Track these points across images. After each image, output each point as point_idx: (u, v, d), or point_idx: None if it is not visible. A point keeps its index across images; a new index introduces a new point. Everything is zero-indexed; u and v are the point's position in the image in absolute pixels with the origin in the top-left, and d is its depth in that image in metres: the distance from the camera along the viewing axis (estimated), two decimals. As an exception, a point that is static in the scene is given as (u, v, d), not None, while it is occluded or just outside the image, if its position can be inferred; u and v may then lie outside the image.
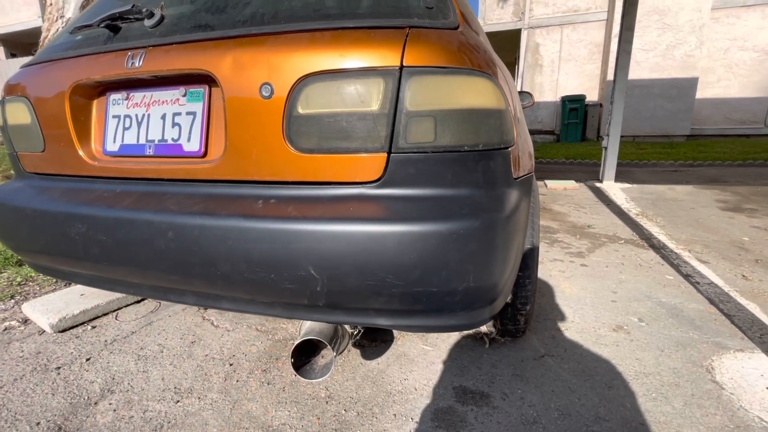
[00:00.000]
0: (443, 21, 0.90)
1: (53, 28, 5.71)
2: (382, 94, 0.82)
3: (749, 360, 1.33)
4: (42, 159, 1.20)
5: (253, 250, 0.85)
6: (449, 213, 0.82)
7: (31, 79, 1.18)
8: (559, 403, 1.14)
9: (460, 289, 0.84)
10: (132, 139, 1.06)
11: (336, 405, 1.15)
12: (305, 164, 0.88)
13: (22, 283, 1.98)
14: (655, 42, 8.76)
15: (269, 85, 0.86)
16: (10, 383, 1.24)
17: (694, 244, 2.53)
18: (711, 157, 6.49)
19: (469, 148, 0.85)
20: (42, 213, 1.09)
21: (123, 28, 1.07)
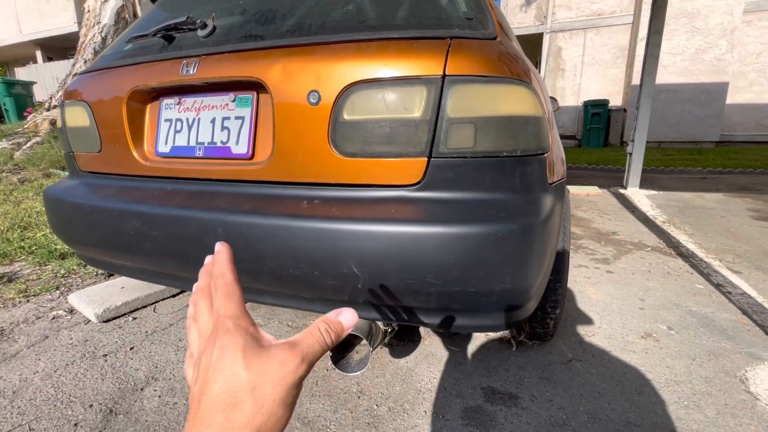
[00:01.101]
0: (483, 31, 0.93)
1: (90, 33, 5.99)
2: (424, 101, 0.86)
3: (785, 372, 1.30)
4: (97, 159, 1.29)
5: (298, 247, 0.90)
6: (487, 216, 0.85)
7: (90, 85, 1.27)
8: (588, 406, 1.15)
9: (496, 290, 0.86)
10: (183, 142, 1.13)
11: (368, 400, 1.18)
12: (348, 167, 0.93)
13: (65, 276, 2.10)
14: (683, 46, 8.54)
15: (317, 93, 0.91)
16: (62, 367, 1.33)
17: (725, 254, 2.47)
18: (742, 164, 6.29)
19: (507, 153, 0.88)
20: (98, 209, 1.17)
21: (177, 38, 1.15)
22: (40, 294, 1.88)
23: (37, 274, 2.09)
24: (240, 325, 0.28)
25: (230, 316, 0.28)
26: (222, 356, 0.26)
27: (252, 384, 0.25)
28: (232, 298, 0.29)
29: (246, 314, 0.29)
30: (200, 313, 0.31)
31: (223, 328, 0.27)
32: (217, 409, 0.25)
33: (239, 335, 0.27)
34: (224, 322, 0.28)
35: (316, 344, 0.29)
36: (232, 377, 0.25)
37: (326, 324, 0.31)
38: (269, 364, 0.26)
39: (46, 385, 1.24)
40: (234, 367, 0.26)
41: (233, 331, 0.27)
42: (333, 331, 0.31)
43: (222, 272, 0.30)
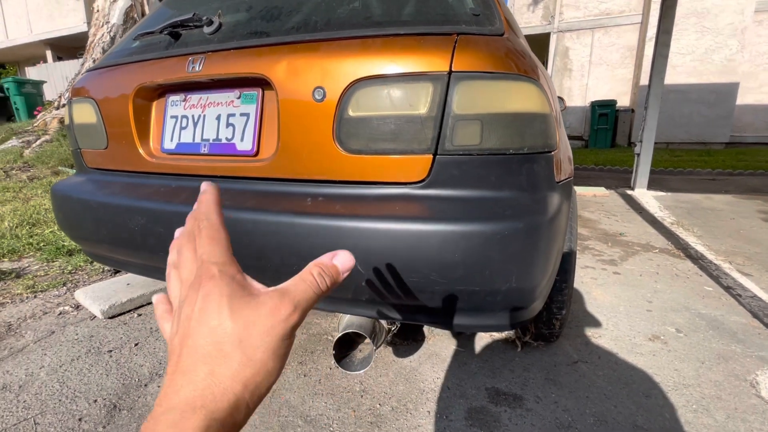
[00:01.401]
0: (490, 28, 0.92)
1: (99, 33, 6.05)
2: (430, 97, 0.85)
3: (797, 376, 1.28)
4: (104, 155, 1.30)
5: (302, 244, 0.89)
6: (493, 214, 0.84)
7: (97, 82, 1.27)
8: (594, 409, 1.14)
9: (501, 290, 0.85)
10: (188, 138, 1.13)
11: (371, 399, 1.18)
12: (353, 164, 0.92)
13: (72, 272, 2.11)
14: (692, 46, 8.44)
15: (322, 89, 0.91)
16: (68, 363, 1.34)
17: (735, 256, 2.43)
18: (752, 165, 6.20)
19: (514, 151, 0.87)
20: (104, 205, 1.17)
21: (183, 35, 1.15)
22: (47, 290, 1.89)
23: (45, 271, 2.11)
24: (226, 271, 0.25)
25: (215, 262, 0.25)
26: (206, 305, 0.24)
27: (239, 335, 0.23)
28: (218, 242, 0.27)
29: (233, 260, 0.26)
30: (184, 259, 0.28)
31: (207, 275, 0.25)
32: (200, 361, 0.23)
33: (225, 282, 0.24)
34: (209, 268, 0.25)
35: (309, 290, 0.26)
36: (217, 327, 0.23)
37: (320, 268, 0.28)
38: (258, 313, 0.24)
39: (51, 379, 1.25)
40: (219, 317, 0.23)
41: (218, 277, 0.25)
42: (327, 275, 0.28)
43: (207, 214, 0.28)
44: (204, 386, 0.22)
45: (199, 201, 0.29)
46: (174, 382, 0.23)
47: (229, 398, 0.22)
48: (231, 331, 0.23)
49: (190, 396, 0.22)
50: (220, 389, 0.22)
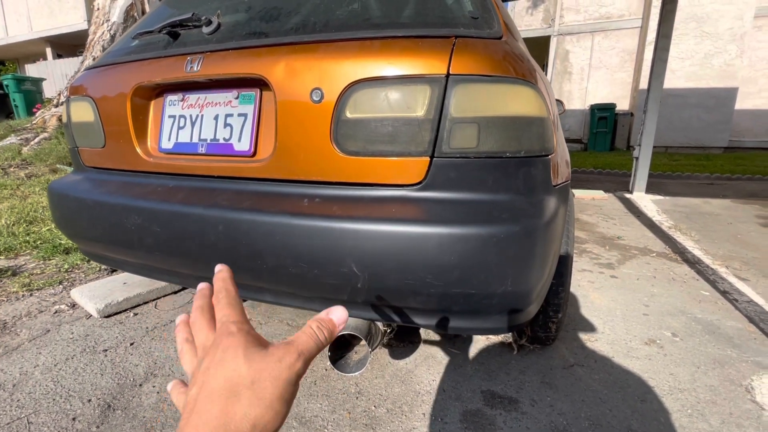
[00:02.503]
0: (488, 31, 0.92)
1: (99, 31, 6.04)
2: (428, 100, 0.85)
3: (792, 382, 1.28)
4: (101, 154, 1.29)
5: (298, 245, 0.89)
6: (490, 217, 0.84)
7: (95, 81, 1.27)
8: (589, 412, 1.13)
9: (497, 293, 0.85)
10: (186, 138, 1.13)
11: (366, 401, 1.18)
12: (350, 166, 0.92)
13: (69, 270, 2.11)
14: (692, 50, 8.47)
15: (320, 90, 0.91)
16: (62, 362, 1.33)
17: (732, 261, 2.44)
18: (750, 170, 6.21)
19: (510, 154, 0.87)
20: (101, 204, 1.17)
21: (182, 35, 1.15)
22: (43, 288, 1.89)
23: (41, 269, 2.10)
24: (242, 328, 0.30)
25: (234, 321, 0.30)
26: (224, 356, 0.27)
27: (251, 378, 0.26)
28: (236, 308, 0.32)
29: (248, 320, 0.31)
30: (199, 329, 0.33)
31: (226, 333, 0.29)
32: (214, 401, 0.25)
33: (242, 336, 0.29)
34: (228, 327, 0.30)
35: (311, 341, 0.30)
36: (233, 371, 0.26)
37: (318, 323, 0.32)
38: (268, 360, 0.27)
39: (45, 378, 1.25)
40: (235, 363, 0.27)
41: (236, 333, 0.29)
42: (325, 328, 0.32)
43: (225, 287, 0.33)
44: (217, 424, 0.25)
45: (216, 279, 0.35)
46: (190, 422, 0.25)
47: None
48: (245, 374, 0.26)
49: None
50: (232, 428, 0.25)
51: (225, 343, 0.28)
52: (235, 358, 0.27)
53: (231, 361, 0.27)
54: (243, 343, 0.28)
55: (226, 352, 0.27)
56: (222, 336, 0.29)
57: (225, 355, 0.27)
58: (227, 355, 0.27)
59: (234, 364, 0.27)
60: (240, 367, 0.26)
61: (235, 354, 0.27)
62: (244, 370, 0.26)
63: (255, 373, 0.26)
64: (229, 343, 0.28)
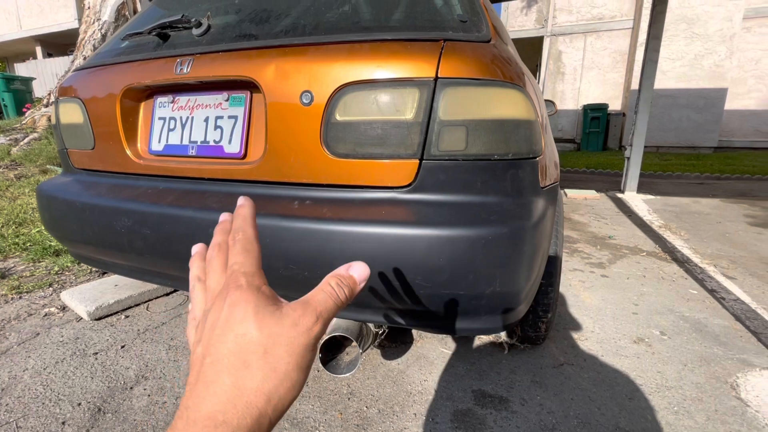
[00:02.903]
0: (477, 34, 0.93)
1: (90, 30, 5.98)
2: (416, 103, 0.86)
3: (776, 379, 1.30)
4: (91, 156, 1.29)
5: (288, 248, 0.89)
6: (478, 219, 0.85)
7: (84, 82, 1.26)
8: (578, 411, 1.15)
9: (486, 293, 0.86)
10: (176, 140, 1.13)
11: (358, 401, 1.18)
12: (340, 168, 0.93)
13: (59, 273, 2.09)
14: (682, 51, 8.57)
15: (309, 93, 0.91)
16: (52, 365, 1.32)
17: (720, 259, 2.47)
18: (739, 170, 6.30)
19: (499, 157, 0.88)
20: (90, 206, 1.16)
21: (172, 36, 1.14)
22: (33, 291, 1.87)
23: (31, 271, 2.08)
24: (253, 282, 0.26)
25: (245, 272, 0.26)
26: (232, 313, 0.24)
27: (264, 345, 0.23)
28: (251, 254, 0.27)
29: (261, 273, 0.27)
30: (212, 269, 0.29)
31: (234, 284, 0.25)
32: (223, 371, 0.22)
33: (251, 293, 0.25)
34: (237, 278, 0.26)
35: (329, 300, 0.27)
36: (242, 337, 0.23)
37: (337, 279, 0.28)
38: (282, 323, 0.24)
39: (35, 382, 1.24)
40: (244, 326, 0.23)
41: (246, 287, 0.25)
42: (345, 285, 0.28)
43: (243, 227, 0.29)
44: (227, 399, 0.22)
45: (236, 215, 0.30)
46: (195, 393, 0.22)
47: (252, 413, 0.22)
48: (256, 341, 0.23)
49: (212, 410, 0.21)
50: (243, 403, 0.22)
51: (233, 297, 0.25)
52: (245, 319, 0.24)
53: (240, 323, 0.23)
54: (253, 302, 0.24)
55: (234, 308, 0.24)
56: (230, 288, 0.25)
57: (232, 314, 0.24)
58: (235, 314, 0.24)
59: (243, 326, 0.23)
60: (250, 332, 0.23)
61: (244, 314, 0.24)
62: (255, 335, 0.23)
63: (267, 339, 0.23)
64: (238, 298, 0.24)
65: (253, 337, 0.23)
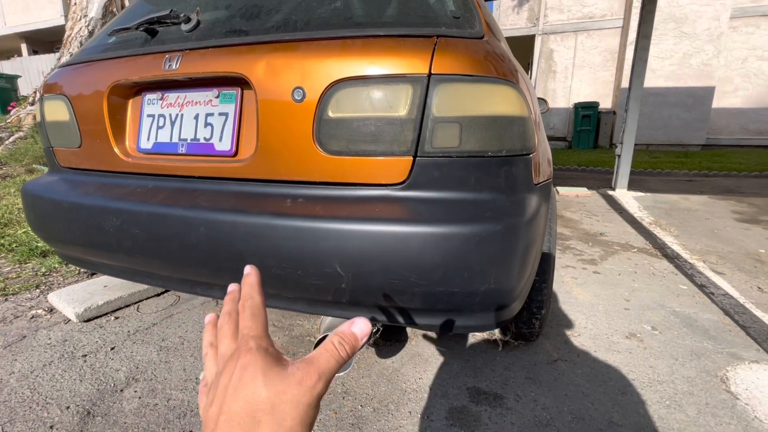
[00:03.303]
0: (470, 30, 0.93)
1: (77, 27, 5.87)
2: (410, 99, 0.85)
3: (764, 372, 1.33)
4: (77, 155, 1.26)
5: (281, 246, 0.88)
6: (472, 216, 0.85)
7: (70, 79, 1.23)
8: (572, 406, 1.16)
9: (480, 291, 0.86)
10: (165, 138, 1.11)
11: (352, 400, 1.17)
12: (333, 166, 0.92)
13: (46, 274, 2.05)
14: (671, 50, 8.68)
15: (301, 89, 0.90)
16: (39, 368, 1.29)
17: (709, 255, 2.51)
18: (727, 167, 6.41)
19: (492, 153, 0.88)
20: (78, 206, 1.14)
21: (160, 32, 1.12)
22: (19, 293, 1.83)
23: (17, 273, 2.04)
24: (261, 345, 0.28)
25: (254, 336, 0.29)
26: (243, 375, 0.27)
27: (271, 403, 0.25)
28: (259, 319, 0.30)
29: (268, 336, 0.30)
30: (223, 336, 0.32)
31: (245, 347, 0.28)
32: (236, 427, 0.25)
33: (260, 355, 0.27)
34: (247, 341, 0.28)
35: (332, 359, 0.29)
36: (252, 395, 0.26)
37: (339, 337, 0.31)
38: (287, 382, 0.26)
39: (21, 386, 1.21)
40: (254, 386, 0.26)
41: (255, 350, 0.28)
42: (347, 343, 0.31)
43: (251, 294, 0.32)
44: None
45: (244, 283, 0.33)
46: None
47: None
48: (264, 399, 0.25)
49: None
50: None
51: (243, 360, 0.27)
52: (254, 380, 0.26)
53: (250, 383, 0.26)
54: (262, 363, 0.27)
55: (245, 371, 0.27)
56: (241, 351, 0.28)
57: (244, 375, 0.27)
58: (246, 375, 0.26)
59: (253, 386, 0.26)
60: (259, 390, 0.26)
61: (254, 375, 0.26)
62: (264, 393, 0.26)
63: (275, 396, 0.26)
64: (248, 360, 0.27)
65: (262, 396, 0.26)
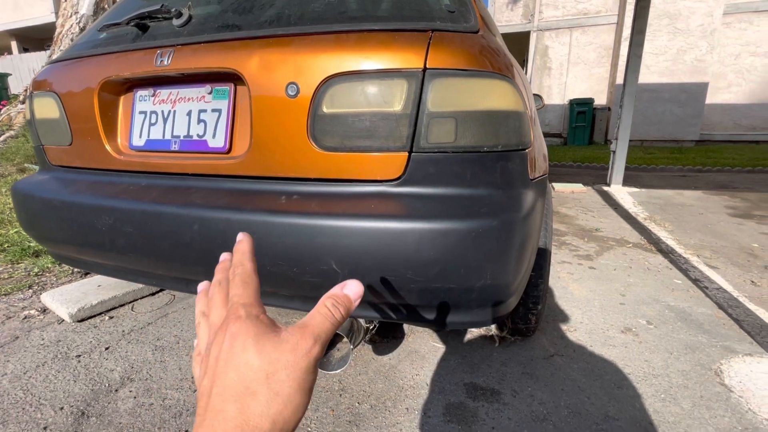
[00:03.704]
0: (465, 25, 0.92)
1: (67, 23, 5.79)
2: (405, 95, 0.85)
3: (758, 364, 1.34)
4: (68, 152, 1.24)
5: (276, 244, 0.87)
6: (468, 212, 0.84)
7: (60, 75, 1.21)
8: (568, 401, 1.16)
9: (476, 287, 0.86)
10: (158, 135, 1.09)
11: (349, 398, 1.17)
12: (328, 162, 0.91)
13: (39, 274, 2.02)
14: (665, 46, 8.72)
15: (295, 85, 0.89)
16: (32, 369, 1.28)
17: (703, 250, 2.53)
18: (720, 162, 6.46)
19: (488, 149, 0.88)
20: (69, 205, 1.12)
21: (151, 27, 1.10)
22: (11, 293, 1.81)
23: (9, 273, 2.01)
24: (251, 312, 0.27)
25: (244, 303, 0.28)
26: (233, 344, 0.25)
27: (265, 371, 0.24)
28: (250, 286, 0.29)
29: (260, 303, 0.29)
30: (214, 305, 0.31)
31: (234, 315, 0.27)
32: (229, 399, 0.24)
33: (250, 322, 0.26)
34: (236, 309, 0.27)
35: (326, 322, 0.28)
36: (244, 365, 0.24)
37: (333, 299, 0.29)
38: (281, 349, 0.25)
39: (14, 387, 1.19)
40: (245, 355, 0.25)
41: (245, 318, 0.26)
42: (341, 305, 0.29)
43: (242, 261, 0.31)
44: (234, 425, 0.23)
45: (236, 250, 0.32)
46: (205, 422, 0.24)
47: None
48: (257, 367, 0.24)
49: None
50: (250, 428, 0.23)
51: (233, 328, 0.26)
52: (245, 349, 0.25)
53: (241, 352, 0.25)
54: (253, 331, 0.25)
55: (235, 339, 0.25)
56: (230, 320, 0.27)
57: (234, 344, 0.25)
58: (236, 344, 0.25)
59: (245, 356, 0.25)
60: (251, 360, 0.24)
61: (244, 344, 0.25)
62: (256, 362, 0.24)
63: (268, 365, 0.24)
64: (238, 329, 0.26)
65: (255, 365, 0.24)
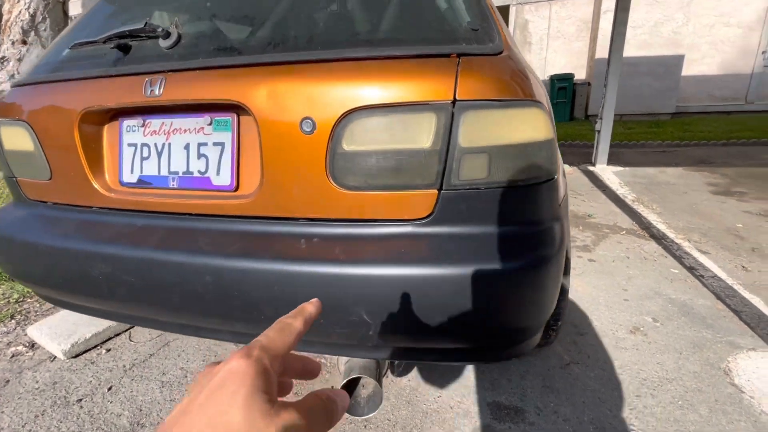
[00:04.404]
0: (490, 45, 0.85)
1: (15, 10, 5.28)
2: (434, 130, 0.78)
3: (762, 360, 1.39)
4: (49, 187, 1.12)
5: (299, 294, 0.81)
6: (503, 252, 0.80)
7: (30, 102, 1.08)
8: (591, 415, 1.17)
9: (511, 329, 0.83)
10: (152, 170, 0.99)
11: (375, 429, 1.15)
12: (350, 201, 0.84)
13: (20, 300, 1.89)
14: (643, 19, 8.72)
15: (311, 120, 0.80)
16: (32, 421, 1.19)
17: (692, 233, 2.60)
18: (696, 136, 6.62)
19: (522, 183, 0.82)
20: (58, 250, 1.02)
21: (134, 48, 0.98)
22: (-7, 327, 1.68)
23: (-14, 303, 1.87)
24: (263, 359, 0.23)
25: (263, 346, 0.24)
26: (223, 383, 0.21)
27: None
28: (284, 338, 0.26)
29: (279, 359, 0.25)
30: None
31: (245, 352, 0.23)
32: None
33: (255, 368, 0.22)
34: (252, 347, 0.24)
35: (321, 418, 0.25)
36: (222, 416, 0.20)
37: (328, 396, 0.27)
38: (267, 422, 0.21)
39: (14, 444, 1.11)
40: (230, 404, 0.21)
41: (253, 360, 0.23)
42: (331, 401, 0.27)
43: (296, 315, 0.29)
44: None
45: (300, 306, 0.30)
46: None
47: None
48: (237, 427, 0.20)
49: None
50: None
51: (234, 364, 0.22)
52: (233, 396, 0.21)
53: (227, 398, 0.21)
54: (249, 384, 0.21)
55: (224, 386, 0.21)
56: (239, 354, 0.23)
57: (224, 384, 0.21)
58: (226, 386, 0.21)
59: (229, 404, 0.20)
60: (233, 413, 0.20)
61: (235, 390, 0.21)
62: (237, 418, 0.20)
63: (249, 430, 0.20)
64: (238, 368, 0.22)
65: (235, 420, 0.20)
